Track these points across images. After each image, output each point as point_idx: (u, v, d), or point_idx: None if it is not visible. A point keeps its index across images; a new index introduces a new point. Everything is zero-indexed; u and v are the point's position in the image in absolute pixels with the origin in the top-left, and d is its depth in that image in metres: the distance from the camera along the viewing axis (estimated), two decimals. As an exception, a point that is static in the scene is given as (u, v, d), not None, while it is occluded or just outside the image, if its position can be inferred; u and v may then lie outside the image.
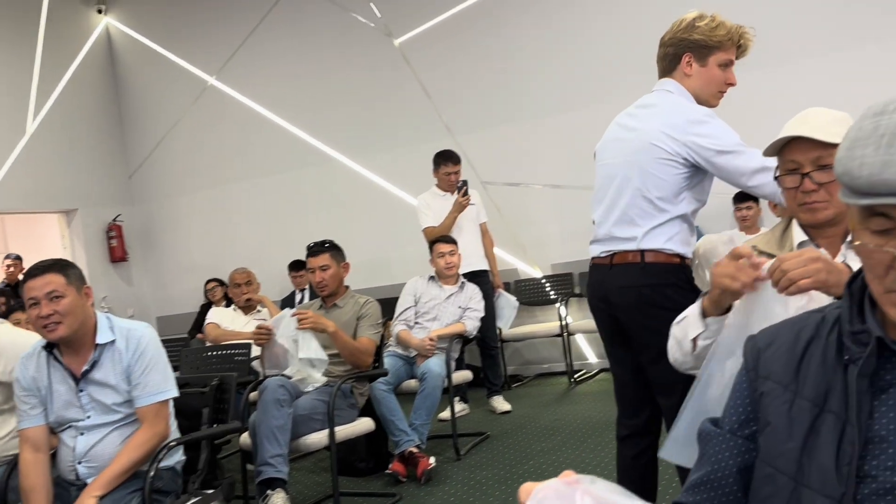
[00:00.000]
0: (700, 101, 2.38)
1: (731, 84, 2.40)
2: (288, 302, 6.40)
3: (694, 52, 2.36)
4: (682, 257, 2.32)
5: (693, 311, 1.60)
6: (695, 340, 1.58)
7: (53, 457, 2.59)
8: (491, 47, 6.58)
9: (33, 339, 2.66)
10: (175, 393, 2.59)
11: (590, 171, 6.68)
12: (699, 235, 5.79)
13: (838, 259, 1.63)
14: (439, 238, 4.95)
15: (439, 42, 6.76)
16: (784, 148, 1.64)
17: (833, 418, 0.97)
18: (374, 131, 7.07)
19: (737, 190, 5.55)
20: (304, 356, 3.46)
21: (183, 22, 7.94)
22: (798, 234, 1.69)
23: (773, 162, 2.15)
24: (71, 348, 2.54)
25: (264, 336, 3.55)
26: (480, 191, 6.03)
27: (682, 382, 2.09)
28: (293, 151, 7.42)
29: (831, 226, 1.63)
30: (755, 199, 5.44)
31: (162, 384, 2.54)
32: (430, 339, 4.41)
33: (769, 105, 5.39)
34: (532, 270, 6.55)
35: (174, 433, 2.64)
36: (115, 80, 8.38)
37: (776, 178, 1.69)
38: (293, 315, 3.54)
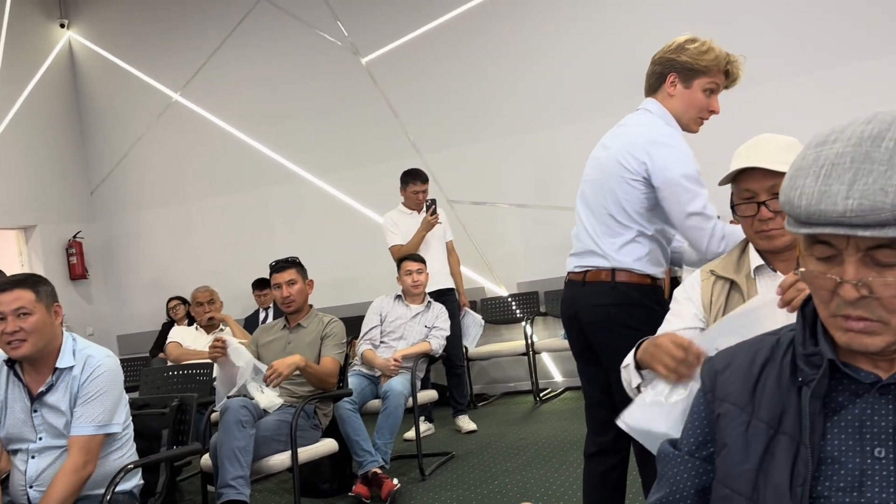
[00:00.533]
0: (681, 125, 2.40)
1: (714, 111, 2.42)
2: (252, 321, 6.33)
3: (679, 73, 2.38)
4: (653, 278, 2.34)
5: (631, 359, 1.62)
6: (638, 388, 1.60)
7: (6, 481, 2.52)
8: (458, 67, 6.63)
9: None
10: (114, 430, 2.48)
11: (555, 190, 6.79)
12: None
13: None
14: (407, 256, 4.94)
15: (406, 61, 6.79)
16: (738, 177, 1.67)
17: (787, 440, 0.99)
18: (340, 149, 7.06)
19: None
20: (263, 403, 3.42)
21: (147, 37, 7.87)
22: (755, 259, 1.72)
23: (712, 212, 2.20)
24: (33, 367, 2.48)
25: (220, 349, 3.43)
26: (447, 209, 6.05)
27: None
28: (258, 169, 7.38)
29: (788, 249, 1.66)
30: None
31: (100, 418, 2.43)
32: (395, 360, 4.39)
33: (732, 127, 5.51)
34: (498, 289, 6.57)
35: (132, 458, 2.58)
36: (77, 95, 8.26)
37: (732, 206, 1.71)
38: (264, 379, 3.46)
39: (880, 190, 0.86)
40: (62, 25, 8.22)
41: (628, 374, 1.64)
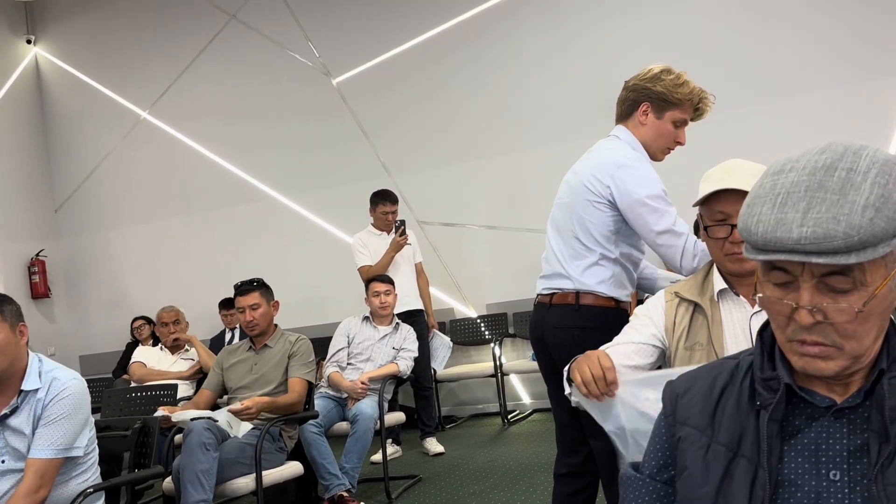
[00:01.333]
0: (648, 153, 2.45)
1: (681, 143, 2.47)
2: (217, 341, 6.26)
3: (653, 103, 2.42)
4: (617, 301, 2.37)
5: (566, 368, 1.70)
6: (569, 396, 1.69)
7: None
8: (428, 89, 6.67)
9: None
10: (75, 454, 2.42)
11: (525, 212, 6.84)
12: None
13: (756, 307, 1.69)
14: (375, 277, 4.92)
15: (377, 82, 6.82)
16: (712, 199, 1.70)
17: (746, 462, 1.00)
18: (310, 169, 7.05)
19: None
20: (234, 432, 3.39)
21: (116, 54, 7.81)
22: (718, 282, 1.74)
23: (682, 228, 2.24)
24: None
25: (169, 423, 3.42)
26: (417, 230, 6.05)
27: None
28: (227, 188, 7.33)
29: (751, 274, 1.68)
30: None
31: (60, 441, 2.36)
32: (362, 383, 4.36)
33: (698, 153, 5.60)
34: (467, 310, 6.58)
35: (94, 481, 2.52)
36: (42, 112, 8.16)
37: (704, 228, 1.73)
38: (231, 410, 3.43)
39: (832, 218, 0.89)
40: (29, 41, 8.13)
41: (565, 381, 1.71)
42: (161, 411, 3.32)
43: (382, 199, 5.43)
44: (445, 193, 6.61)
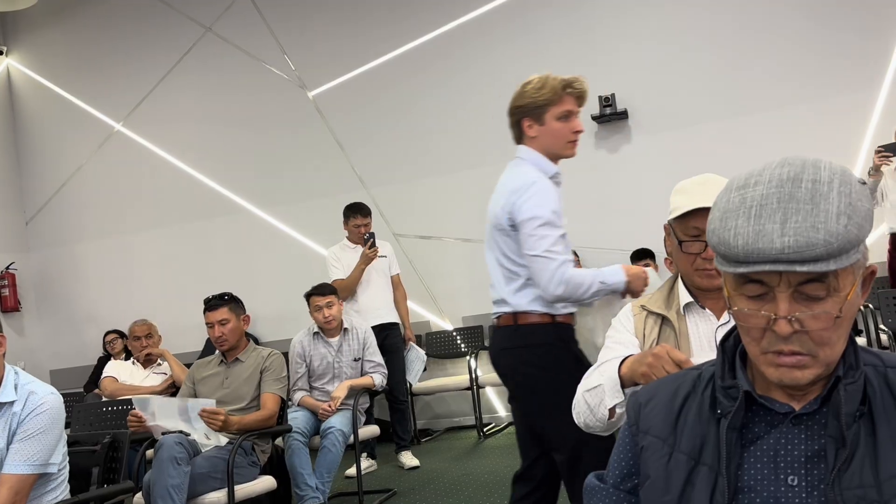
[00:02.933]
0: (555, 156, 2.52)
1: (579, 131, 2.53)
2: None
3: (530, 115, 2.51)
4: (552, 315, 2.40)
5: (609, 379, 1.62)
6: (612, 409, 1.61)
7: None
8: (404, 102, 6.70)
9: None
10: (50, 470, 2.39)
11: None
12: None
13: (722, 320, 1.71)
14: (313, 291, 4.68)
15: (353, 95, 6.84)
16: (687, 215, 1.71)
17: (707, 470, 1.02)
18: (285, 182, 7.03)
19: (635, 247, 5.80)
20: (202, 442, 3.36)
21: (90, 66, 7.76)
22: (684, 296, 1.76)
23: (559, 254, 2.29)
24: None
25: (135, 424, 3.41)
26: (393, 243, 6.05)
27: (574, 440, 2.14)
28: (201, 200, 7.29)
29: (718, 289, 1.70)
30: (651, 257, 5.67)
31: (36, 457, 2.34)
32: (329, 406, 4.27)
33: (673, 165, 5.68)
34: (443, 323, 6.58)
35: (64, 496, 2.49)
36: (14, 123, 8.07)
37: (679, 242, 1.74)
38: (200, 414, 3.40)
39: (811, 227, 0.91)
40: (0, 52, 8.04)
41: (599, 394, 1.63)
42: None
43: (354, 213, 5.43)
44: (421, 206, 6.63)
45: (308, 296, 4.68)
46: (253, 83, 7.14)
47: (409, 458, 5.17)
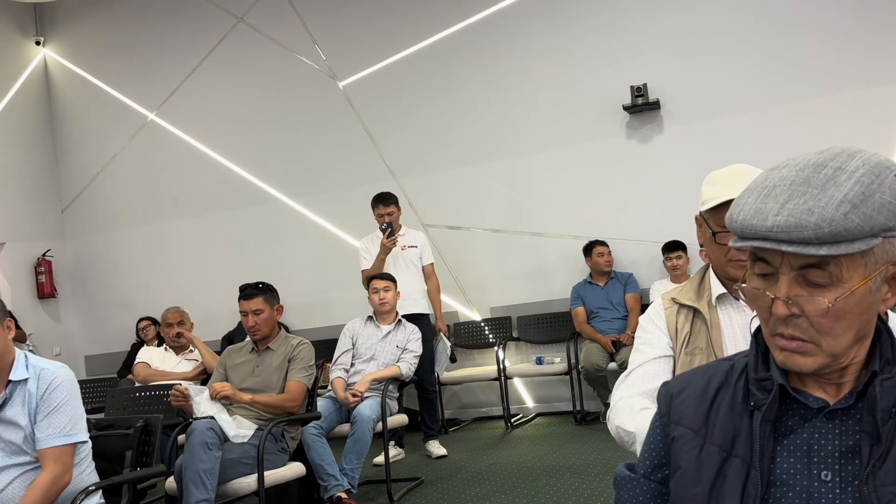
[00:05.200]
0: None
1: None
2: (241, 335, 6.22)
3: None
4: None
5: (641, 436, 1.60)
6: None
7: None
8: (434, 92, 6.69)
9: None
10: (82, 438, 2.49)
11: (528, 216, 6.83)
12: (636, 285, 5.93)
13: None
14: (375, 275, 4.95)
15: (383, 86, 6.84)
16: (720, 206, 1.68)
17: (739, 462, 1.01)
18: (316, 172, 7.07)
19: (666, 238, 5.74)
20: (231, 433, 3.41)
21: (124, 56, 7.85)
22: (716, 287, 1.74)
23: None
24: None
25: (181, 400, 3.48)
26: (424, 233, 6.03)
27: None
28: (233, 190, 7.35)
29: None
30: (684, 249, 5.61)
31: (67, 427, 2.44)
32: (353, 395, 4.32)
33: (698, 158, 5.61)
34: (471, 314, 6.58)
35: (91, 477, 2.54)
36: (50, 113, 8.20)
37: (713, 233, 1.71)
38: (212, 396, 3.47)
39: (807, 210, 0.91)
40: (38, 43, 8.18)
41: (629, 438, 1.64)
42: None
43: (376, 202, 5.48)
44: (450, 196, 6.62)
45: (369, 279, 4.90)
46: (284, 73, 7.18)
47: (436, 448, 5.20)
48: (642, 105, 5.93)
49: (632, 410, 1.66)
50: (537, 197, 6.38)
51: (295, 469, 3.62)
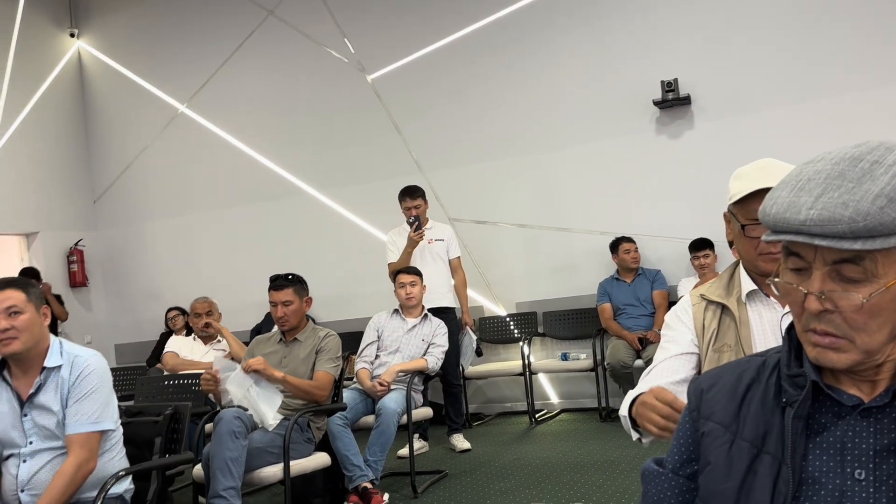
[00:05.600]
0: None
1: None
2: (268, 327, 6.28)
3: None
4: None
5: (623, 418, 1.65)
6: (640, 440, 1.63)
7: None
8: (462, 86, 6.68)
9: None
10: (109, 426, 2.53)
11: (555, 211, 6.79)
12: (664, 282, 5.87)
13: (788, 307, 1.66)
14: (402, 269, 4.97)
15: (412, 79, 6.85)
16: (750, 198, 1.66)
17: (770, 459, 1.00)
18: (344, 165, 7.10)
19: (694, 235, 5.68)
20: (260, 415, 3.44)
21: (156, 48, 7.94)
22: (746, 284, 1.72)
23: None
24: (20, 369, 2.51)
25: (211, 384, 3.52)
26: (451, 227, 6.02)
27: None
28: (262, 182, 7.41)
29: None
30: (711, 247, 5.54)
31: (95, 414, 2.48)
32: (380, 384, 4.36)
33: (731, 153, 5.54)
34: (497, 308, 6.57)
35: (121, 462, 2.59)
36: (83, 104, 8.33)
37: (742, 226, 1.70)
38: (243, 368, 3.50)
39: (842, 204, 0.89)
40: (72, 35, 8.30)
41: (626, 426, 1.65)
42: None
43: (402, 196, 5.50)
44: (477, 191, 6.61)
45: (396, 273, 4.93)
46: (313, 66, 7.22)
47: (460, 441, 5.21)
48: (672, 100, 5.87)
49: (629, 397, 1.67)
50: (565, 192, 6.35)
51: (320, 459, 3.65)
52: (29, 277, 3.33)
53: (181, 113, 7.81)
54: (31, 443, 2.48)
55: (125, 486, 2.58)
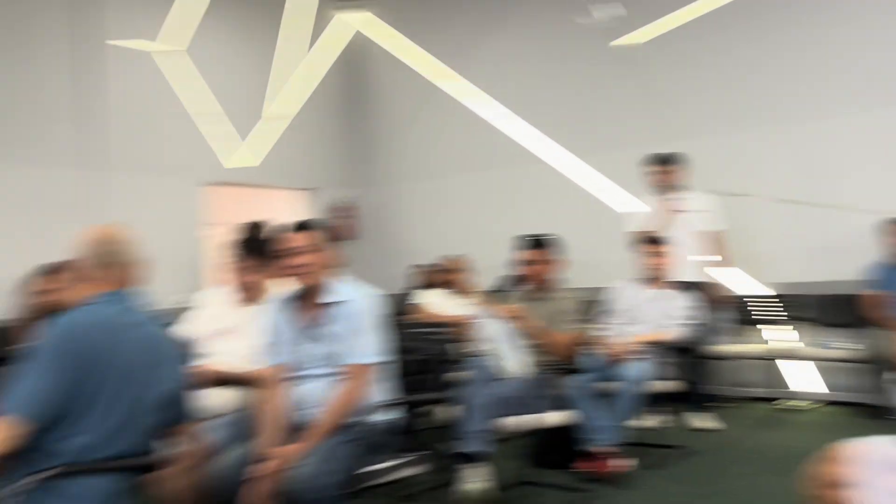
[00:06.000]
0: None
1: None
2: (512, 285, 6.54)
3: None
4: None
5: None
6: None
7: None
8: (723, 50, 6.33)
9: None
10: (384, 358, 2.77)
11: (823, 186, 6.26)
12: None
13: None
14: (645, 238, 4.84)
15: (668, 45, 6.61)
16: None
17: None
18: (597, 132, 7.07)
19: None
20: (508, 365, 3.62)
21: (427, 17, 8.39)
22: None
23: None
24: (307, 300, 2.84)
25: (464, 332, 3.74)
26: (708, 198, 5.77)
27: None
28: (513, 149, 7.62)
29: None
30: None
31: (370, 348, 2.75)
32: (623, 352, 4.29)
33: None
34: (751, 287, 6.21)
35: (388, 394, 2.85)
36: (365, 74, 9.06)
37: None
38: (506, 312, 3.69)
39: None
40: (350, 9, 8.99)
41: None
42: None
43: (655, 163, 5.45)
44: (735, 161, 6.27)
45: (642, 241, 4.83)
46: (563, 34, 7.23)
47: (702, 420, 5.07)
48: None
49: None
50: (836, 165, 5.81)
51: (559, 417, 3.76)
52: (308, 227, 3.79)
53: (441, 84, 8.19)
54: (311, 366, 2.80)
55: (391, 415, 2.87)
